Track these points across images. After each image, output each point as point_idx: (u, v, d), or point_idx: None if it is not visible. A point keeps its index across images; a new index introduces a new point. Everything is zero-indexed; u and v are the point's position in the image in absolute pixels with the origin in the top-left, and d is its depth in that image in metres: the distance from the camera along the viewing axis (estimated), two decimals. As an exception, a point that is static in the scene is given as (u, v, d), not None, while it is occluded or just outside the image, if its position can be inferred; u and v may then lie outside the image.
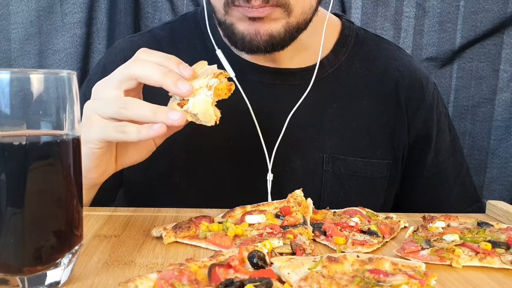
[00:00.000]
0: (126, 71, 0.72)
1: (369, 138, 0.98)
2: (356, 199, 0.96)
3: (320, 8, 0.96)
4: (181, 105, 0.70)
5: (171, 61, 0.71)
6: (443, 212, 0.80)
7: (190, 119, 0.71)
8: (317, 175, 0.96)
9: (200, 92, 0.70)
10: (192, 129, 0.97)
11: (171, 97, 0.74)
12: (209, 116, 0.71)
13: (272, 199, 0.80)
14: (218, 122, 0.72)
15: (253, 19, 0.82)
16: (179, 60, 0.72)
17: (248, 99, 0.94)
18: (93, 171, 0.77)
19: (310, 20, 0.89)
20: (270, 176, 0.93)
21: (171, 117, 0.69)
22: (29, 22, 1.33)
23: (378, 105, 0.99)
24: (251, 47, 0.85)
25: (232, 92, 0.74)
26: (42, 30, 1.35)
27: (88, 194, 0.83)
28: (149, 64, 0.71)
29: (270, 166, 0.93)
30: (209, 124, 0.72)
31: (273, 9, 0.81)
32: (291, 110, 0.94)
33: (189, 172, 0.97)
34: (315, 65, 0.97)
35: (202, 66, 0.74)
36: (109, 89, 0.74)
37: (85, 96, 0.98)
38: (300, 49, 0.95)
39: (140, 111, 0.70)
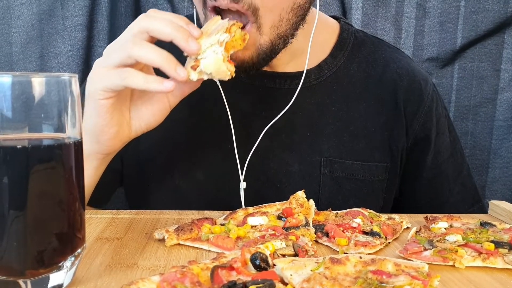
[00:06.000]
0: (138, 25, 0.72)
1: (367, 141, 0.98)
2: (354, 202, 0.95)
3: (318, 11, 0.96)
4: (194, 67, 0.72)
5: (181, 20, 0.72)
6: (444, 213, 0.80)
7: (205, 78, 0.73)
8: (315, 179, 0.96)
9: (212, 51, 0.71)
10: (190, 129, 0.97)
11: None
12: (223, 72, 0.73)
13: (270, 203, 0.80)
14: (234, 75, 0.74)
15: None
16: (187, 20, 0.73)
17: (242, 102, 0.94)
18: (105, 132, 0.76)
19: (289, 35, 0.86)
20: (242, 185, 0.93)
21: (178, 71, 0.69)
22: (30, 26, 1.34)
23: (376, 108, 0.99)
24: None
25: (246, 42, 0.76)
26: (43, 33, 1.35)
27: (99, 167, 0.82)
28: (161, 19, 0.72)
29: (242, 177, 0.93)
30: (225, 79, 0.74)
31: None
32: (285, 114, 0.93)
33: (188, 174, 0.97)
34: (311, 69, 0.97)
35: (215, 22, 0.76)
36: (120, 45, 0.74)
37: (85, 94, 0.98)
38: (296, 54, 0.95)
39: (150, 53, 0.70)
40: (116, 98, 0.74)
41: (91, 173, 0.82)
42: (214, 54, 0.71)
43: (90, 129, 0.76)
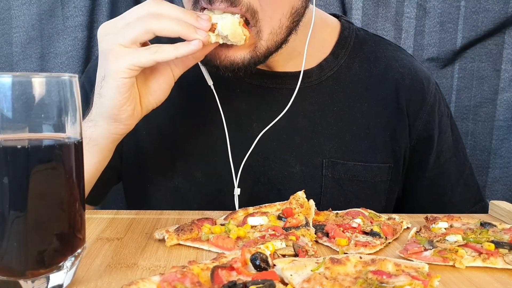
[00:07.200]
0: (145, 26, 0.72)
1: (369, 142, 0.97)
2: (356, 203, 0.95)
3: (318, 10, 0.96)
4: (212, 29, 0.74)
5: (188, 16, 0.73)
6: (446, 212, 0.80)
7: (221, 41, 0.76)
8: (317, 180, 0.95)
9: (227, 15, 0.74)
10: (189, 130, 0.97)
11: None
12: (238, 36, 0.75)
13: None
14: (248, 41, 0.77)
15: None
16: (195, 14, 0.74)
17: (241, 102, 0.94)
18: (124, 110, 0.77)
19: (283, 41, 0.86)
20: (237, 191, 0.93)
21: (199, 32, 0.72)
22: (30, 26, 1.34)
23: (378, 108, 0.98)
24: (209, 63, 0.85)
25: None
26: (44, 33, 1.35)
27: (111, 151, 0.83)
28: (167, 19, 0.72)
29: (236, 182, 0.93)
30: (239, 44, 0.77)
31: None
32: (286, 114, 0.93)
33: (187, 175, 0.97)
34: (312, 68, 0.97)
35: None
36: (124, 21, 0.75)
37: (84, 87, 0.99)
38: (296, 54, 0.94)
39: (170, 24, 0.71)
40: (141, 74, 0.76)
41: (99, 159, 0.83)
42: (231, 16, 0.74)
43: (107, 110, 0.77)
